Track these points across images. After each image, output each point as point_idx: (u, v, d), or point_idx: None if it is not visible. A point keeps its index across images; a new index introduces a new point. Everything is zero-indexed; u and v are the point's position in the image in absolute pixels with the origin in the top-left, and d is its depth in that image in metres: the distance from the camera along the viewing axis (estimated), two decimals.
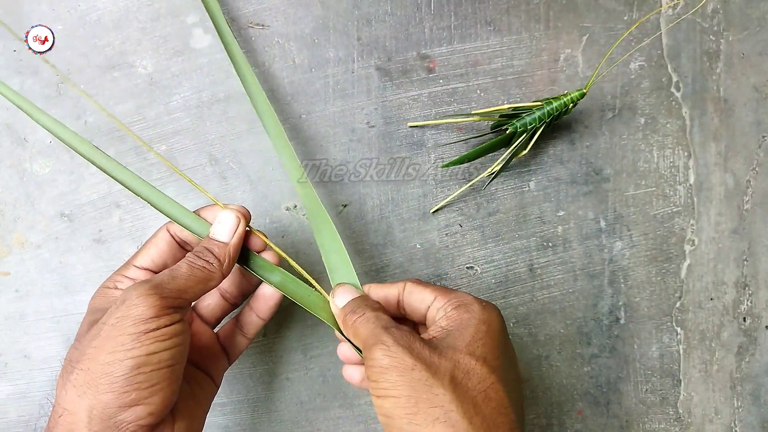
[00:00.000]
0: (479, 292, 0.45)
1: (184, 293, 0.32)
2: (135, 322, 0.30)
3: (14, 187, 0.43)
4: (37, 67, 0.43)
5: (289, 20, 0.44)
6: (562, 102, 0.42)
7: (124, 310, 0.30)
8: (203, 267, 0.33)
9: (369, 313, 0.33)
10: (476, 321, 0.32)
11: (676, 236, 0.47)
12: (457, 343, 0.30)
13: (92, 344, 0.30)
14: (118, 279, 0.35)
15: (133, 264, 0.36)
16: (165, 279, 0.32)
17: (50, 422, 0.30)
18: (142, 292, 0.30)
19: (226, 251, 0.34)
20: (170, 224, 0.37)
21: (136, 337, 0.29)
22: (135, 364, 0.29)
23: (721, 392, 0.47)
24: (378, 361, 0.30)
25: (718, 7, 0.46)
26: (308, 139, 0.44)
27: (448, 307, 0.33)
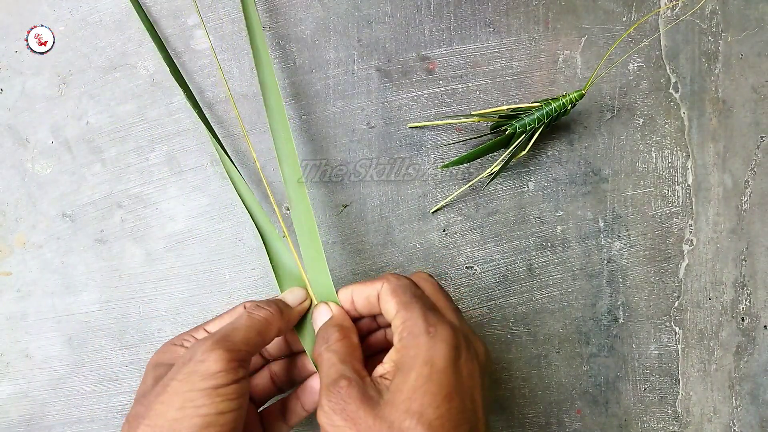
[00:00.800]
0: (478, 292, 0.45)
1: (246, 345, 0.32)
2: (204, 378, 0.29)
3: (16, 187, 0.43)
4: (39, 68, 0.43)
5: (290, 22, 0.44)
6: (561, 103, 0.42)
7: (192, 366, 0.30)
8: (263, 317, 0.33)
9: (324, 353, 0.33)
10: (420, 362, 0.30)
11: (675, 236, 0.47)
12: (396, 396, 0.29)
13: (159, 399, 0.30)
14: (186, 338, 0.35)
15: (204, 328, 0.36)
16: (227, 331, 0.32)
17: None
18: (207, 347, 0.30)
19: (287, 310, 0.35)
20: (248, 303, 0.37)
21: (206, 393, 0.29)
22: (203, 423, 0.29)
23: (719, 391, 0.47)
24: (322, 426, 0.30)
25: (716, 8, 0.46)
26: (309, 140, 0.44)
27: (403, 330, 0.32)
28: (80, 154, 0.43)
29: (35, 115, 0.43)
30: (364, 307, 0.35)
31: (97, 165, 0.43)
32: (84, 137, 0.43)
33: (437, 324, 0.31)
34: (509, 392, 0.46)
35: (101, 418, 0.44)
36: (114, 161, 0.43)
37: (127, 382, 0.44)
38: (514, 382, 0.46)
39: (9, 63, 0.43)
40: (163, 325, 0.44)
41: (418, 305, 0.32)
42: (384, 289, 0.34)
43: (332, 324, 0.35)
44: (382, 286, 0.34)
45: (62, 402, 0.44)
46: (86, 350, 0.44)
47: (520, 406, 0.46)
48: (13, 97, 0.43)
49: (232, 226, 0.44)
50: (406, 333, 0.31)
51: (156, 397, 0.30)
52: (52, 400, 0.44)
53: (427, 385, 0.29)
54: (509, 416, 0.46)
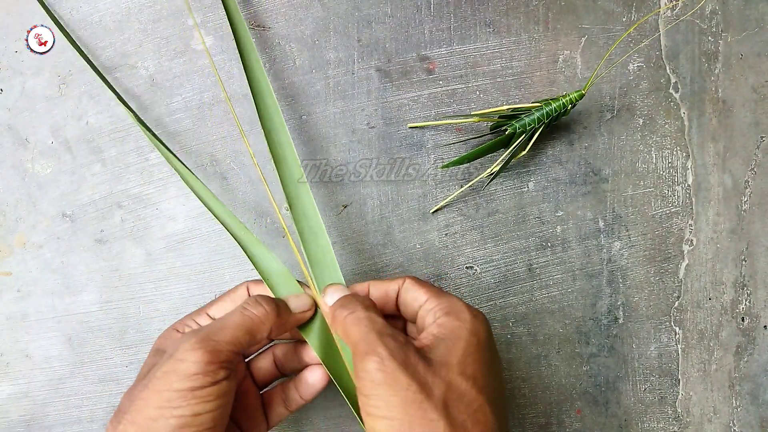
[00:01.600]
0: (478, 292, 0.45)
1: (232, 345, 0.31)
2: (181, 378, 0.29)
3: (16, 187, 0.43)
4: (39, 68, 0.43)
5: (290, 22, 0.44)
6: (561, 103, 0.42)
7: (172, 365, 0.30)
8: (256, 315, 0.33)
9: (361, 312, 0.32)
10: (467, 332, 0.31)
11: (675, 236, 0.47)
12: (449, 359, 0.30)
13: (141, 395, 0.30)
14: (188, 323, 0.35)
15: (206, 312, 0.36)
16: (213, 329, 0.31)
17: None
18: (188, 346, 0.30)
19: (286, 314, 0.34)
20: (251, 284, 0.37)
21: (182, 394, 0.29)
22: (179, 424, 0.29)
23: (719, 392, 0.47)
24: (371, 374, 0.29)
25: (716, 9, 0.46)
26: (309, 140, 0.44)
27: (438, 311, 0.32)
28: (80, 154, 0.43)
29: (35, 115, 0.43)
30: (380, 302, 0.35)
31: (97, 165, 0.43)
32: (84, 137, 0.43)
33: (476, 309, 0.33)
34: (509, 392, 0.46)
35: (101, 418, 0.44)
36: (114, 161, 0.43)
37: (127, 382, 0.44)
38: (514, 383, 0.46)
39: (9, 63, 0.43)
40: (163, 325, 0.44)
41: (454, 295, 0.34)
42: (408, 282, 0.34)
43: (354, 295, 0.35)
44: (404, 281, 0.35)
45: (62, 402, 0.44)
46: (86, 350, 0.44)
47: (520, 406, 0.46)
48: (13, 97, 0.43)
49: None
50: (445, 311, 0.32)
51: (139, 393, 0.30)
52: (52, 400, 0.44)
53: (476, 354, 0.30)
54: (509, 416, 0.46)
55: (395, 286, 0.35)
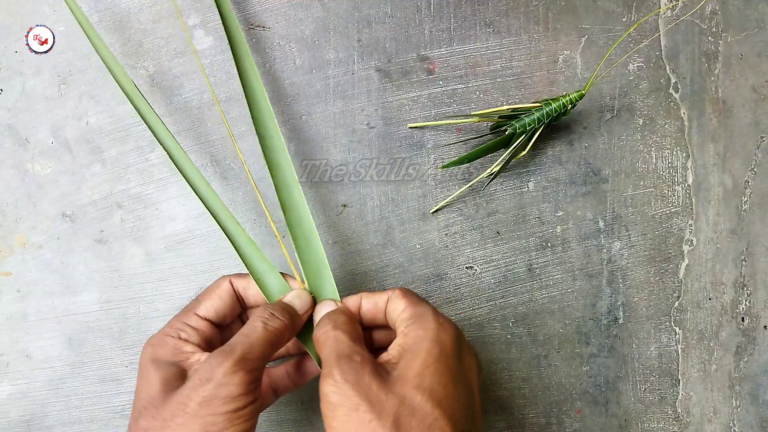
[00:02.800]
0: (478, 292, 0.45)
1: (262, 361, 0.32)
2: (226, 402, 0.30)
3: (16, 187, 0.43)
4: (39, 68, 0.43)
5: (290, 22, 0.44)
6: (561, 103, 0.42)
7: (213, 390, 0.30)
8: (277, 328, 0.33)
9: (330, 331, 0.33)
10: (429, 342, 0.31)
11: (675, 236, 0.47)
12: (406, 372, 0.30)
13: (177, 420, 0.30)
14: (179, 327, 0.35)
15: (195, 312, 0.36)
16: (245, 349, 0.32)
17: None
18: (228, 369, 0.30)
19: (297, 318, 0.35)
20: (234, 278, 0.37)
21: (227, 417, 0.30)
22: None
23: (719, 392, 0.47)
24: (327, 396, 0.30)
25: (716, 9, 0.46)
26: (309, 140, 0.44)
27: (406, 319, 0.33)
28: (80, 154, 0.43)
29: (35, 116, 0.43)
30: (370, 312, 0.36)
31: (97, 165, 0.43)
32: (84, 137, 0.43)
33: (443, 317, 0.33)
34: (509, 392, 0.46)
35: (101, 418, 0.44)
36: (114, 161, 0.43)
37: (127, 383, 0.44)
38: (514, 383, 0.46)
39: (9, 63, 0.43)
40: (163, 325, 0.44)
41: (427, 303, 0.34)
42: (396, 293, 0.35)
43: (340, 311, 0.35)
44: (393, 292, 0.35)
45: (62, 402, 0.44)
46: (86, 350, 0.44)
47: (520, 406, 0.46)
48: (13, 97, 0.43)
49: None
50: (414, 320, 0.32)
51: (172, 417, 0.30)
52: (52, 401, 0.44)
53: (436, 365, 0.30)
54: (509, 416, 0.46)
55: (385, 297, 0.35)
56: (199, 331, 0.35)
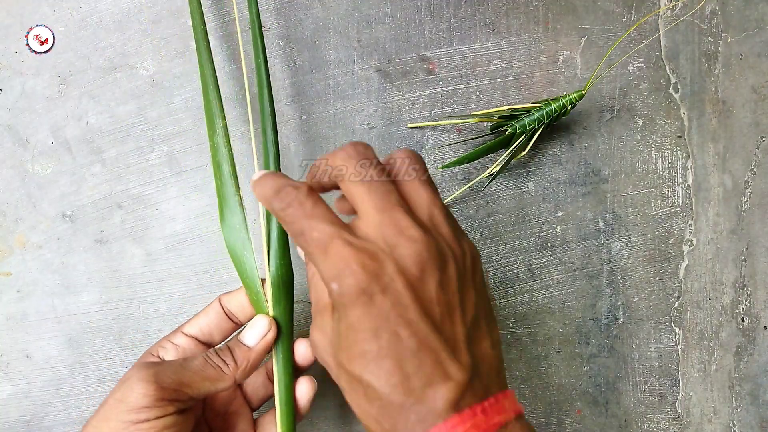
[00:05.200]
0: None
1: (187, 387, 0.31)
2: (128, 410, 0.30)
3: (16, 187, 0.43)
4: (39, 68, 0.43)
5: (290, 22, 0.44)
6: (561, 103, 0.42)
7: (123, 392, 0.30)
8: (217, 366, 0.33)
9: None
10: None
11: (675, 237, 0.47)
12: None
13: (92, 422, 0.30)
14: (162, 344, 0.35)
15: (181, 330, 0.36)
16: (172, 368, 0.32)
17: None
18: (142, 376, 0.30)
19: (248, 356, 0.34)
20: (224, 296, 0.37)
21: (126, 426, 0.29)
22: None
23: (719, 392, 0.47)
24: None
25: (716, 9, 0.46)
26: (309, 140, 0.44)
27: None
28: (80, 154, 0.43)
29: (35, 116, 0.43)
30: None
31: (97, 165, 0.43)
32: (84, 137, 0.43)
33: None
34: None
35: None
36: (114, 162, 0.43)
37: None
38: (514, 383, 0.46)
39: (9, 63, 0.43)
40: (163, 325, 0.44)
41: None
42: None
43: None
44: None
45: (62, 402, 0.44)
46: (86, 351, 0.44)
47: None
48: (13, 97, 0.43)
49: None
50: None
51: (92, 418, 0.31)
52: (52, 401, 0.43)
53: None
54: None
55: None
56: (180, 348, 0.35)
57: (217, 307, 0.37)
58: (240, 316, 0.37)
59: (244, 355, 0.34)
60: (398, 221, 0.28)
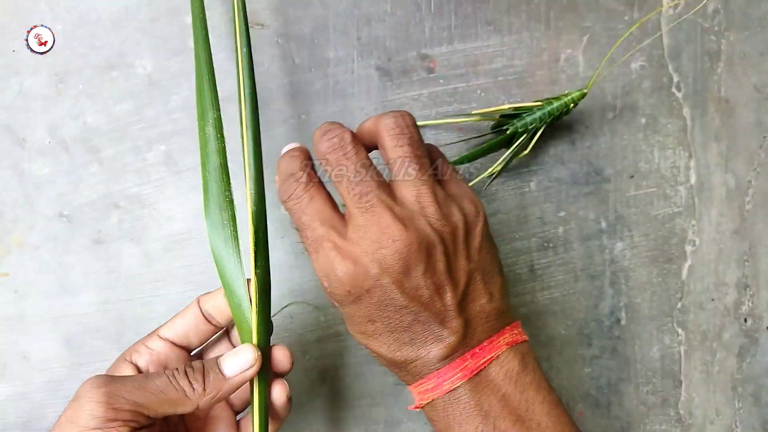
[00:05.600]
0: None
1: (144, 408, 0.29)
2: (78, 429, 0.28)
3: (13, 187, 0.43)
4: (37, 67, 0.43)
5: (289, 20, 0.44)
6: (563, 102, 0.42)
7: (73, 411, 0.29)
8: (182, 389, 0.30)
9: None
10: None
11: (677, 237, 0.46)
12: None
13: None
14: (137, 348, 0.34)
15: (157, 333, 0.34)
16: (129, 387, 0.29)
17: None
18: (92, 395, 0.29)
19: (220, 386, 0.31)
20: (203, 297, 0.35)
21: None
22: None
23: (722, 393, 0.47)
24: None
25: (719, 7, 0.46)
26: (308, 139, 0.44)
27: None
28: (77, 153, 0.43)
29: (32, 115, 0.43)
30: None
31: (94, 165, 0.43)
32: (81, 137, 0.43)
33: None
34: None
35: None
36: (111, 161, 0.43)
37: None
38: None
39: (6, 62, 0.43)
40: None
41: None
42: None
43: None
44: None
45: (60, 403, 0.43)
46: (84, 351, 0.43)
47: None
48: (10, 96, 0.43)
49: None
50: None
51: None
52: (50, 402, 0.43)
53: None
54: None
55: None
56: (155, 353, 0.34)
57: (195, 309, 0.35)
58: (218, 318, 0.35)
59: (216, 383, 0.31)
60: (379, 220, 0.30)
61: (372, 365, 0.45)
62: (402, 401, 0.45)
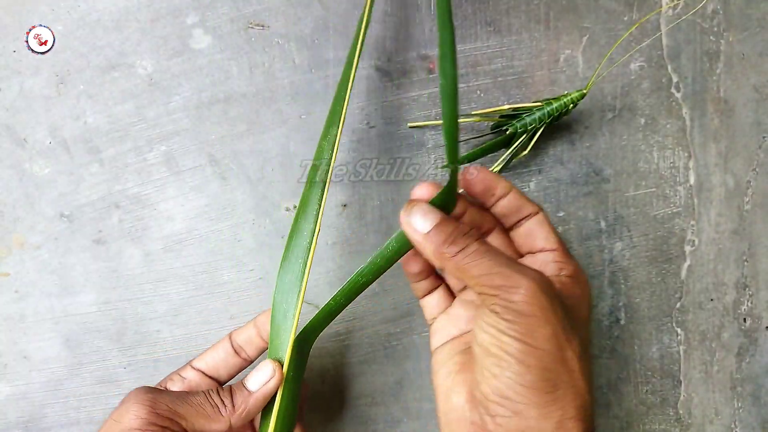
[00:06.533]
0: None
1: (182, 419, 0.32)
2: (121, 429, 0.31)
3: (14, 187, 0.43)
4: (37, 68, 0.43)
5: (289, 21, 0.44)
6: (563, 102, 0.42)
7: (120, 412, 0.31)
8: (215, 405, 0.33)
9: (475, 246, 0.30)
10: (586, 305, 0.32)
11: (677, 237, 0.46)
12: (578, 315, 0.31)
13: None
14: (172, 377, 0.36)
15: (191, 364, 0.37)
16: (171, 397, 0.33)
17: None
18: (139, 399, 0.32)
19: (247, 401, 0.34)
20: (234, 333, 0.37)
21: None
22: None
23: (721, 393, 0.47)
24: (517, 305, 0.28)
25: (718, 8, 0.46)
26: (308, 140, 0.44)
27: (564, 270, 0.32)
28: (78, 154, 0.43)
29: (33, 115, 0.43)
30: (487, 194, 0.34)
31: (95, 165, 0.43)
32: (82, 137, 0.43)
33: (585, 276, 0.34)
34: None
35: (99, 419, 0.44)
36: (112, 161, 0.43)
37: (126, 384, 0.44)
38: None
39: (7, 62, 0.43)
40: (162, 326, 0.43)
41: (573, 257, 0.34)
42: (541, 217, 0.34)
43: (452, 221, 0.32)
44: (538, 213, 0.34)
45: (60, 403, 0.43)
46: (84, 351, 0.43)
47: None
48: (11, 96, 0.43)
49: (230, 227, 0.44)
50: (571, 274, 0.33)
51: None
52: (50, 402, 0.43)
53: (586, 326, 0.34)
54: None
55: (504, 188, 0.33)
56: (186, 381, 0.36)
57: (226, 343, 0.37)
58: (248, 350, 0.37)
59: (243, 399, 0.34)
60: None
61: (372, 365, 0.45)
62: (402, 401, 0.45)
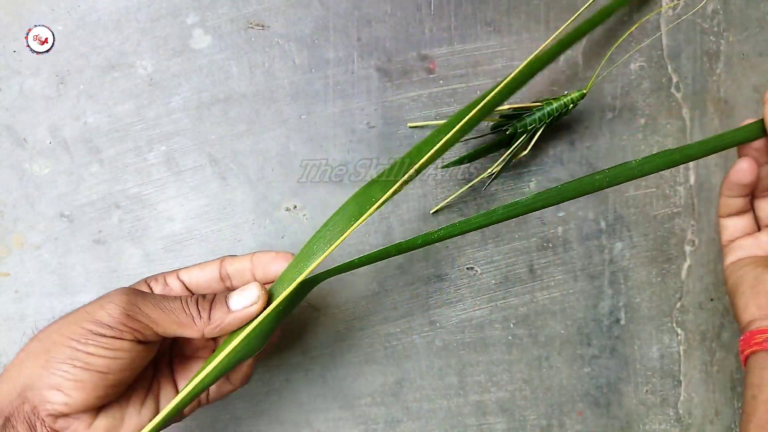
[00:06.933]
0: (479, 293, 0.45)
1: (155, 324, 0.32)
2: (92, 321, 0.31)
3: (14, 187, 0.43)
4: (37, 68, 0.43)
5: (289, 21, 0.44)
6: (562, 103, 0.42)
7: (94, 307, 0.31)
8: (191, 314, 0.33)
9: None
10: None
11: (677, 237, 0.46)
12: None
13: (57, 322, 0.32)
14: (157, 278, 0.36)
15: (177, 273, 0.36)
16: (150, 302, 0.32)
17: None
18: (114, 299, 0.31)
19: (223, 318, 0.33)
20: (227, 258, 0.37)
21: (84, 333, 0.31)
22: (70, 355, 0.30)
23: (721, 393, 0.47)
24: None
25: (718, 8, 0.46)
26: (308, 140, 0.44)
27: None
28: (78, 154, 0.43)
29: (33, 115, 0.43)
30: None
31: (95, 165, 0.43)
32: (82, 137, 0.43)
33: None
34: (510, 394, 0.46)
35: None
36: (112, 161, 0.43)
37: None
38: (515, 384, 0.46)
39: (7, 63, 0.43)
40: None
41: None
42: None
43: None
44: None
45: None
46: None
47: (521, 408, 0.46)
48: (11, 96, 0.43)
49: (230, 227, 0.44)
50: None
51: (57, 320, 0.32)
52: None
53: None
54: (510, 418, 0.46)
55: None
56: (168, 288, 0.36)
57: (216, 266, 0.37)
58: (234, 281, 0.37)
59: (220, 315, 0.33)
60: None
61: (372, 365, 0.45)
62: (402, 401, 0.45)
